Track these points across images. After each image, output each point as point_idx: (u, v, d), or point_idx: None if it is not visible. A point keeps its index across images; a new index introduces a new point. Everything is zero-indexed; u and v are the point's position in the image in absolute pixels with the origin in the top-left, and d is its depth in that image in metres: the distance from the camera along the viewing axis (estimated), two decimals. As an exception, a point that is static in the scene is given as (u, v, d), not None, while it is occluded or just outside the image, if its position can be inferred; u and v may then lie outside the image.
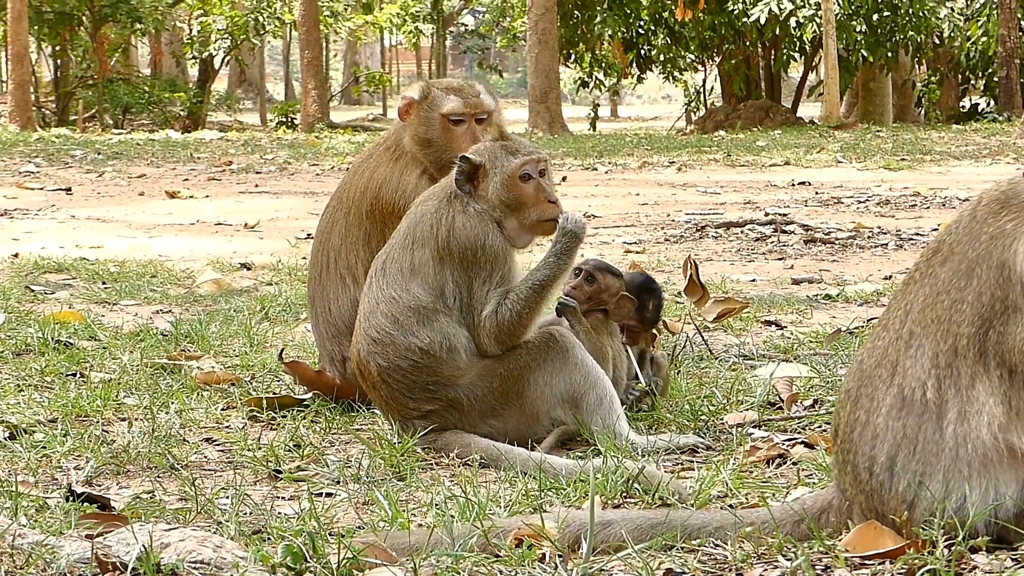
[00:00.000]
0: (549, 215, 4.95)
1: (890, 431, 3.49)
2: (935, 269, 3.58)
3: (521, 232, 4.96)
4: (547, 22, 35.57)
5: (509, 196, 4.92)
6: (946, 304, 3.51)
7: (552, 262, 4.89)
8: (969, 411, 3.43)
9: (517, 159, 4.94)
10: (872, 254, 10.96)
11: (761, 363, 6.26)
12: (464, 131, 5.69)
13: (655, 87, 71.00)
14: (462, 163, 4.93)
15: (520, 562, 3.47)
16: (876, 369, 3.58)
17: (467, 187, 4.93)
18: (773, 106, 37.34)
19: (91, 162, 24.13)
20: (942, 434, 3.44)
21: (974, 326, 3.46)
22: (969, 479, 3.41)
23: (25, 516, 3.88)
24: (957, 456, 3.42)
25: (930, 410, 3.46)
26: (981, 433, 3.41)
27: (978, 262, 3.51)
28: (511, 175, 4.92)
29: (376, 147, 5.93)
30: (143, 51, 56.07)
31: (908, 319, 3.57)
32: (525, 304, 4.83)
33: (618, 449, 4.66)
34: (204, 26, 45.96)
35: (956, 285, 3.52)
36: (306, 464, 4.67)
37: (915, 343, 3.53)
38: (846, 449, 3.58)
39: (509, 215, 4.93)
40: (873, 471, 3.51)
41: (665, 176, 20.51)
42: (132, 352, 6.53)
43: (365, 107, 65.62)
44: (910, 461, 3.46)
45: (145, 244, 12.32)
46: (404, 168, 5.74)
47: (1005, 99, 36.05)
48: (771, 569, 3.46)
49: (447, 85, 5.86)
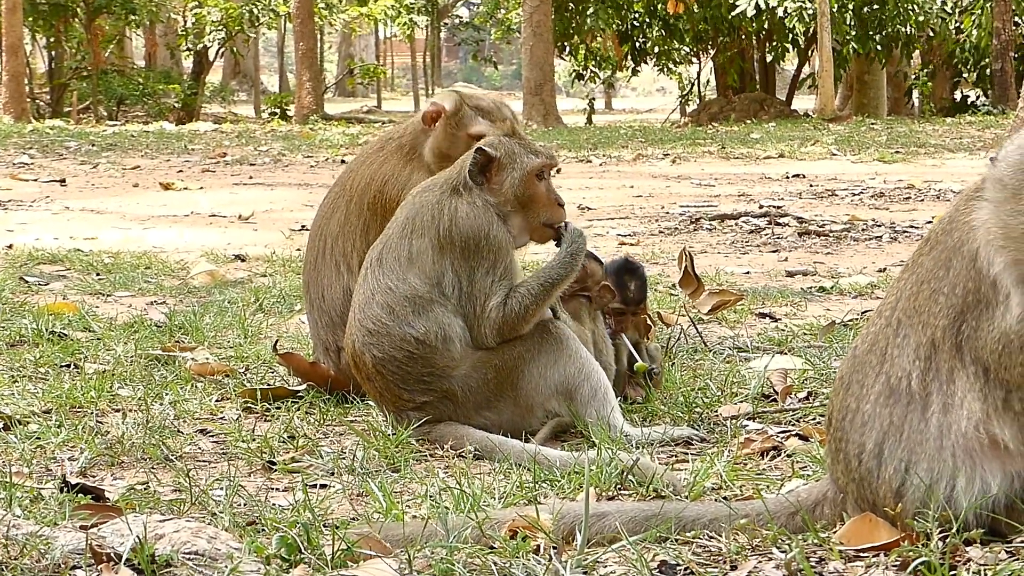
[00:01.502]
0: (556, 218, 5.02)
1: (878, 418, 3.49)
2: (923, 258, 3.58)
3: (523, 231, 5.00)
4: (542, 14, 35.55)
5: (525, 193, 4.96)
6: (926, 294, 3.51)
7: (566, 262, 4.95)
8: (951, 404, 3.43)
9: (539, 158, 5.01)
10: (866, 246, 10.97)
11: (755, 355, 6.26)
12: None
13: (650, 79, 71.03)
14: (478, 155, 4.94)
15: (514, 554, 3.47)
16: (867, 355, 3.58)
17: (480, 179, 4.94)
18: (767, 99, 37.36)
19: (85, 153, 24.10)
20: (927, 424, 3.44)
21: (948, 318, 3.45)
22: (954, 468, 3.41)
23: (19, 507, 3.87)
24: (941, 446, 3.42)
25: (915, 400, 3.46)
26: (963, 425, 3.41)
27: (954, 252, 3.49)
28: (530, 172, 4.96)
29: (388, 141, 5.90)
30: (138, 43, 56.02)
31: (897, 307, 3.57)
32: (534, 300, 4.86)
33: (612, 441, 4.66)
34: (199, 18, 45.89)
35: (936, 275, 3.51)
36: (300, 455, 4.66)
37: (902, 332, 3.53)
38: (838, 437, 3.59)
39: (518, 212, 4.96)
40: (862, 458, 3.51)
41: (659, 168, 20.51)
42: (126, 343, 6.52)
43: (360, 99, 65.56)
44: (896, 448, 3.46)
45: (139, 235, 12.31)
46: (413, 170, 5.74)
47: (999, 92, 36.06)
48: (765, 561, 3.46)
49: (477, 105, 5.80)
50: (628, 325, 5.56)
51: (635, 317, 5.61)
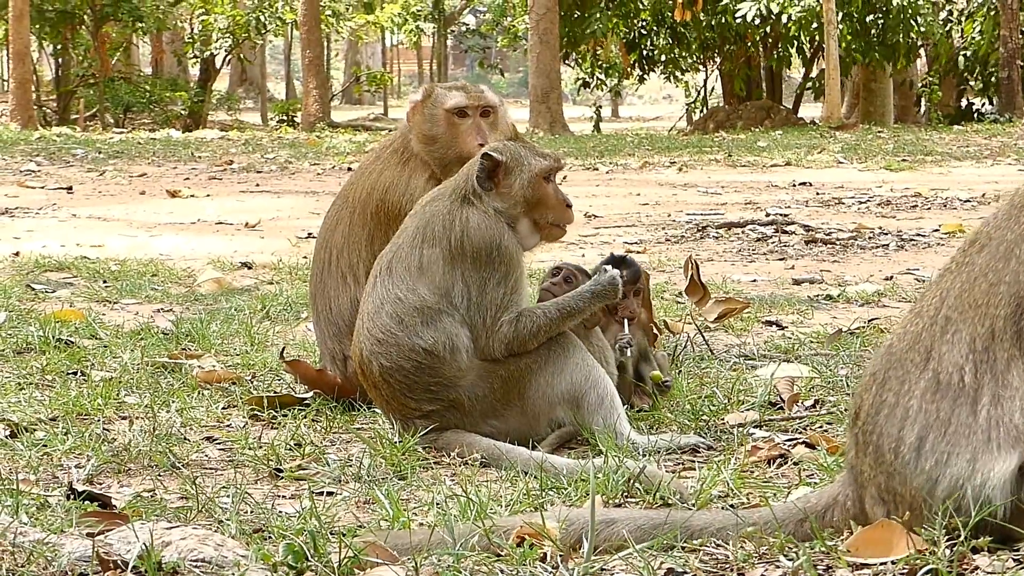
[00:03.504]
0: (565, 219, 5.04)
1: (922, 413, 3.48)
2: (972, 257, 3.59)
3: (533, 232, 4.99)
4: (548, 22, 35.57)
5: (534, 195, 4.96)
6: (983, 288, 3.52)
7: (587, 297, 4.96)
8: (1003, 395, 3.43)
9: (546, 161, 5.02)
10: (873, 255, 10.96)
11: (762, 363, 6.26)
12: (469, 125, 5.73)
13: (656, 87, 71.01)
14: (484, 160, 4.95)
15: (521, 561, 3.47)
16: (908, 353, 3.57)
17: (488, 184, 4.95)
18: (774, 106, 37.35)
19: (92, 161, 24.12)
20: (975, 417, 3.43)
21: (1010, 307, 3.46)
22: (996, 460, 3.40)
23: (26, 514, 3.87)
24: (988, 438, 3.41)
25: (966, 393, 3.46)
26: (1014, 417, 3.41)
27: (1017, 243, 3.51)
28: (538, 174, 4.97)
29: (383, 149, 5.95)
30: (144, 50, 56.09)
31: (944, 306, 3.57)
32: (547, 323, 4.87)
33: (619, 449, 4.66)
34: (205, 25, 45.92)
35: (993, 268, 3.53)
36: (307, 463, 4.67)
37: (951, 329, 3.53)
38: (868, 431, 3.57)
39: (527, 214, 4.96)
40: (899, 451, 3.50)
41: (666, 176, 20.51)
42: (133, 351, 6.52)
43: (366, 107, 65.59)
44: (939, 442, 3.45)
45: (146, 243, 12.32)
46: (412, 172, 5.76)
47: (1006, 100, 36.05)
48: (773, 569, 3.45)
49: (449, 85, 5.94)
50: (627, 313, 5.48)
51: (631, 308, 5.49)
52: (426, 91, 5.88)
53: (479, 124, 5.74)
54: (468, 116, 5.76)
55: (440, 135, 5.74)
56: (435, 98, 5.81)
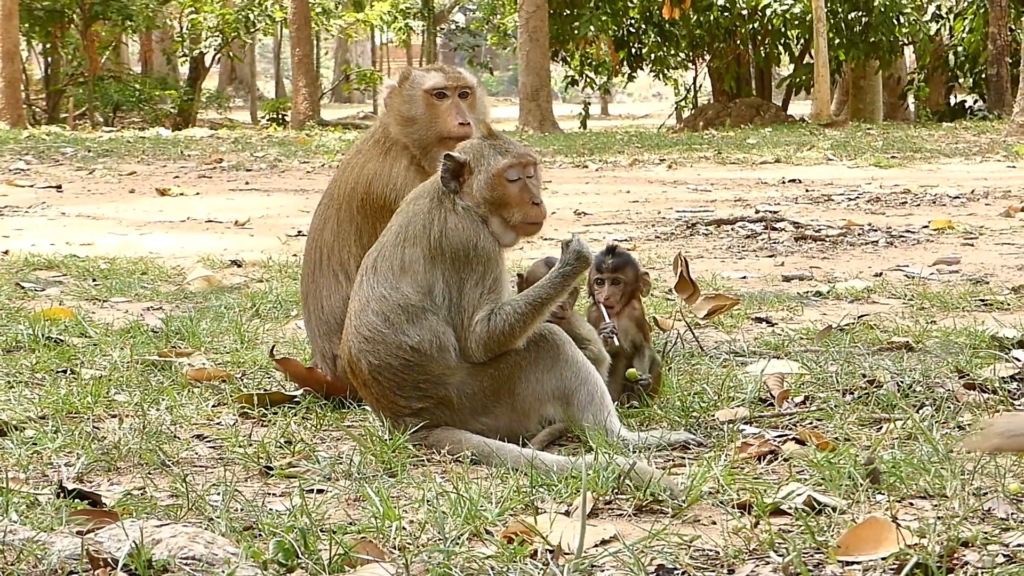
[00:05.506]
0: (532, 218, 4.92)
1: None
2: None
3: (506, 230, 4.93)
4: (538, 19, 35.57)
5: (493, 195, 4.89)
6: None
7: (557, 281, 4.87)
8: None
9: (505, 160, 4.92)
10: (862, 251, 10.98)
11: (752, 360, 6.26)
12: (448, 105, 5.73)
13: (646, 85, 71.08)
14: (447, 161, 4.92)
15: (511, 558, 3.47)
16: None
17: (452, 184, 4.92)
18: (763, 104, 37.39)
19: (81, 159, 24.09)
20: None
21: None
22: None
23: (16, 512, 3.87)
24: None
25: None
26: None
27: None
28: (496, 174, 4.90)
29: (364, 142, 5.95)
30: (134, 49, 56.00)
31: None
32: (520, 318, 4.81)
33: (609, 445, 4.65)
34: (195, 24, 45.89)
35: None
36: (297, 460, 4.66)
37: None
38: None
39: (494, 213, 4.91)
40: None
41: (656, 174, 20.52)
42: (123, 349, 6.52)
43: (356, 105, 65.57)
44: None
45: (136, 241, 12.31)
46: (394, 160, 5.76)
47: (995, 97, 36.09)
48: (763, 565, 3.46)
49: (427, 67, 5.97)
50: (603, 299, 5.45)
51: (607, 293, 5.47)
52: (403, 74, 5.88)
53: (458, 104, 5.75)
54: (447, 96, 5.76)
55: (419, 116, 5.75)
56: (413, 80, 5.82)
